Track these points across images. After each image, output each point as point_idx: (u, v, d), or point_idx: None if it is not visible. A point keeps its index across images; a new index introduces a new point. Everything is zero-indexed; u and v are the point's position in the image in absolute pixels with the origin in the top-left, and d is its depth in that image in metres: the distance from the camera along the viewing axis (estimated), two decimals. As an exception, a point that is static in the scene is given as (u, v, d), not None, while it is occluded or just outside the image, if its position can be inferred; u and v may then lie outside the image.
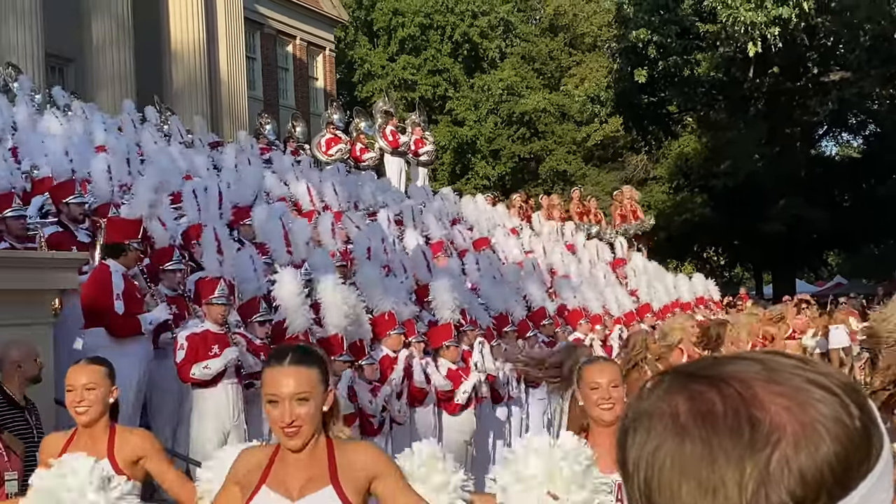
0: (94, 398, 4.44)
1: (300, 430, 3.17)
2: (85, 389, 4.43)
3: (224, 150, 17.72)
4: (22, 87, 17.95)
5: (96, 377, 4.48)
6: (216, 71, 28.90)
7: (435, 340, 11.12)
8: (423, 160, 23.08)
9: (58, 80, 24.69)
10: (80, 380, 4.45)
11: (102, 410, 4.48)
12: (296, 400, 3.15)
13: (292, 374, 3.18)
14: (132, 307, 8.66)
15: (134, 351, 8.67)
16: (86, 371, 4.51)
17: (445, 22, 44.13)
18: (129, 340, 8.64)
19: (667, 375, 1.06)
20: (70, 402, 4.47)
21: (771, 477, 0.95)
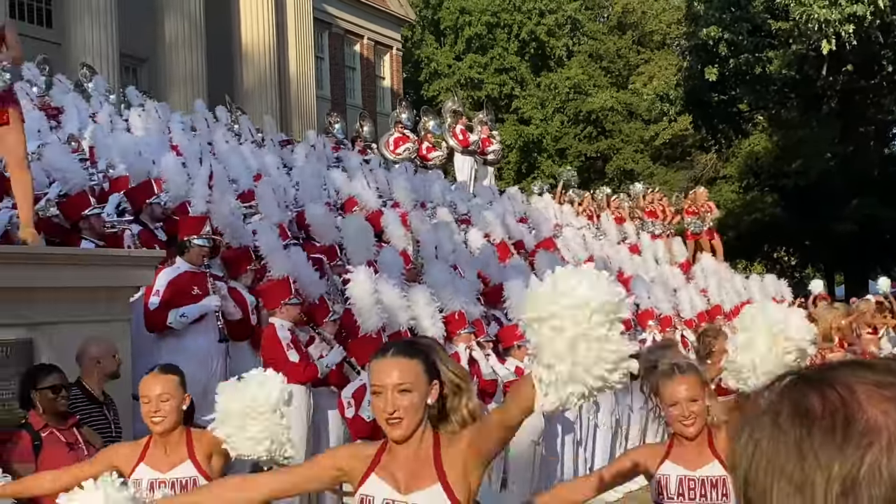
0: (169, 408, 4.53)
1: (402, 421, 3.23)
2: (160, 400, 4.53)
3: (295, 149, 17.86)
4: (97, 87, 18.25)
5: (170, 387, 4.57)
6: (285, 71, 29.15)
7: (507, 340, 11.11)
8: (490, 159, 23.07)
9: (131, 80, 25.08)
10: (155, 390, 4.54)
11: (178, 419, 4.57)
12: (398, 391, 3.22)
13: (395, 365, 3.26)
14: (177, 302, 8.69)
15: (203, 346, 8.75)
16: (159, 381, 4.59)
17: (512, 20, 44.07)
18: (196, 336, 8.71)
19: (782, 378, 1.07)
20: (146, 413, 4.56)
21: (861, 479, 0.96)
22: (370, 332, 9.16)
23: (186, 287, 8.70)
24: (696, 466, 4.37)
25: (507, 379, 10.62)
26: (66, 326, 6.90)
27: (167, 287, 8.60)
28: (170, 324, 8.59)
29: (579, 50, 45.76)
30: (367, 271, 9.50)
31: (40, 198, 9.93)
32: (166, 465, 4.54)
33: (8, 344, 6.53)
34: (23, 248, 6.94)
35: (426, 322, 9.92)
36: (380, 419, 3.29)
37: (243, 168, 13.81)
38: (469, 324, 10.65)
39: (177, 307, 8.59)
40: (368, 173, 16.75)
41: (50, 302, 6.88)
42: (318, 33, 33.39)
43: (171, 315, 8.59)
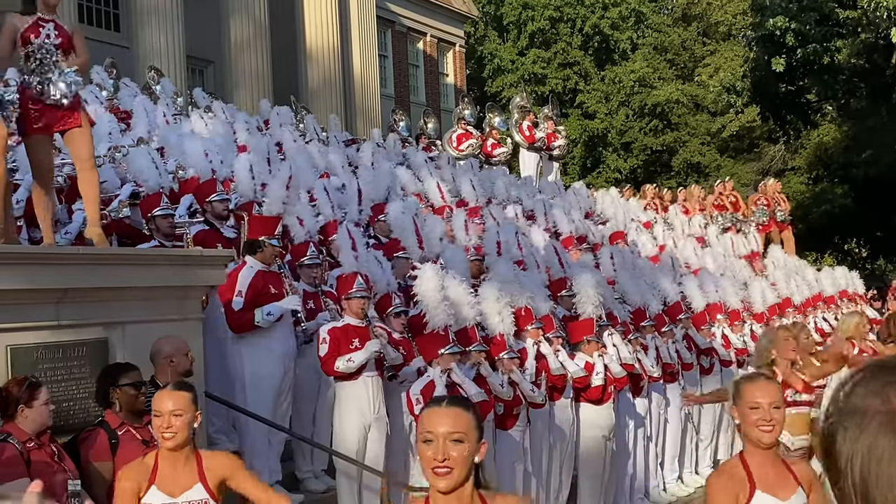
0: (181, 424, 4.60)
1: (452, 472, 3.16)
2: (172, 415, 4.59)
3: (362, 147, 17.95)
4: (164, 89, 18.48)
5: (182, 403, 4.63)
6: (349, 69, 29.30)
7: (575, 335, 11.08)
8: (556, 154, 23.01)
9: (198, 82, 25.38)
10: (167, 405, 4.61)
11: (188, 436, 4.63)
12: (450, 440, 3.17)
13: (449, 414, 3.21)
14: (259, 302, 8.79)
15: (276, 346, 8.86)
16: (172, 397, 4.65)
17: (575, 14, 43.86)
18: (270, 334, 8.81)
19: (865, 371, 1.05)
20: (157, 427, 4.63)
21: None
22: (437, 328, 9.19)
23: (264, 287, 8.81)
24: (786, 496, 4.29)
25: (576, 375, 10.59)
26: (139, 326, 7.00)
27: (248, 287, 8.72)
28: (257, 322, 8.70)
29: (644, 43, 45.40)
30: (434, 268, 9.52)
31: (113, 199, 10.11)
32: (178, 488, 4.60)
33: (84, 343, 6.65)
34: (97, 249, 7.07)
35: (494, 318, 9.92)
36: (427, 469, 3.21)
37: (310, 167, 13.91)
38: (537, 319, 10.64)
39: (258, 306, 8.68)
40: (435, 170, 16.79)
41: (123, 301, 6.98)
42: (381, 32, 33.52)
43: (258, 314, 8.70)
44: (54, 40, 7.02)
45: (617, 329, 11.61)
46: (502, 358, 9.70)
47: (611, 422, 11.02)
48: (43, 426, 5.70)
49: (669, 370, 12.48)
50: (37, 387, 5.71)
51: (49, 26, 7.06)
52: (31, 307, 6.35)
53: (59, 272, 6.54)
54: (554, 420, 10.51)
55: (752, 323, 15.32)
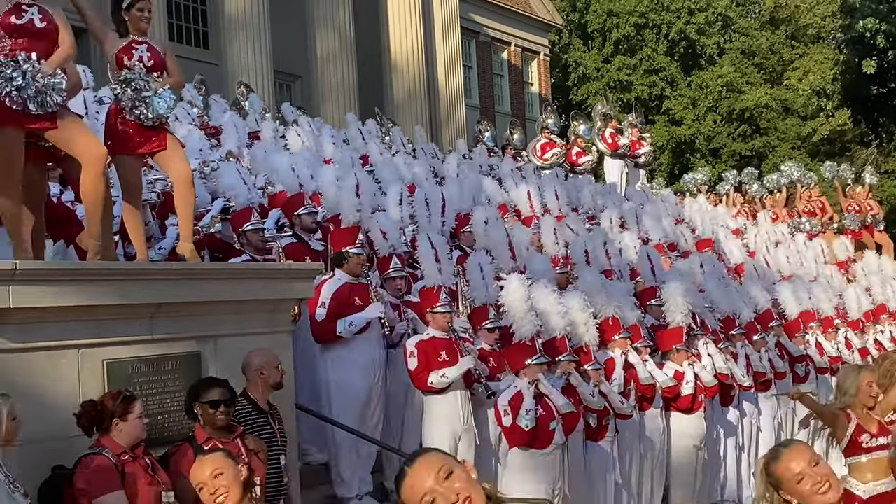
0: (227, 482, 4.71)
1: None
2: (213, 478, 4.71)
3: (447, 158, 18.02)
4: (253, 104, 18.74)
5: (218, 463, 4.75)
6: (434, 81, 29.41)
7: (664, 344, 10.99)
8: (641, 161, 22.86)
9: (285, 96, 25.69)
10: (205, 473, 4.74)
11: (240, 490, 4.74)
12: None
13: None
14: (342, 314, 8.84)
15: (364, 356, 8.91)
16: (205, 463, 4.79)
17: (661, 20, 43.50)
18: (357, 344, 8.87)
19: None
20: (206, 500, 4.74)
21: None
22: (524, 338, 9.18)
23: (349, 298, 8.88)
24: None
25: (664, 384, 10.50)
26: (230, 339, 7.10)
27: (331, 299, 8.80)
28: (339, 333, 8.77)
29: (731, 47, 44.83)
30: (520, 278, 9.52)
31: (204, 214, 10.28)
32: None
33: (177, 357, 6.77)
34: (189, 265, 7.19)
35: (580, 328, 9.88)
36: None
37: (396, 179, 13.99)
38: (624, 329, 10.57)
39: (342, 317, 8.76)
40: (521, 180, 16.78)
41: (215, 315, 7.09)
42: (465, 42, 33.61)
43: (340, 325, 8.76)
44: (147, 62, 7.15)
45: (708, 338, 11.49)
46: (588, 369, 9.65)
47: (702, 431, 10.91)
48: (137, 439, 5.82)
49: (762, 379, 12.31)
50: (131, 400, 5.83)
51: (142, 48, 7.20)
52: (125, 322, 6.49)
53: (152, 287, 6.67)
54: (644, 430, 10.43)
55: (847, 330, 15.05)
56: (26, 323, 5.92)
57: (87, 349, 6.24)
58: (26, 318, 5.90)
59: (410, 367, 8.67)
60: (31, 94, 6.28)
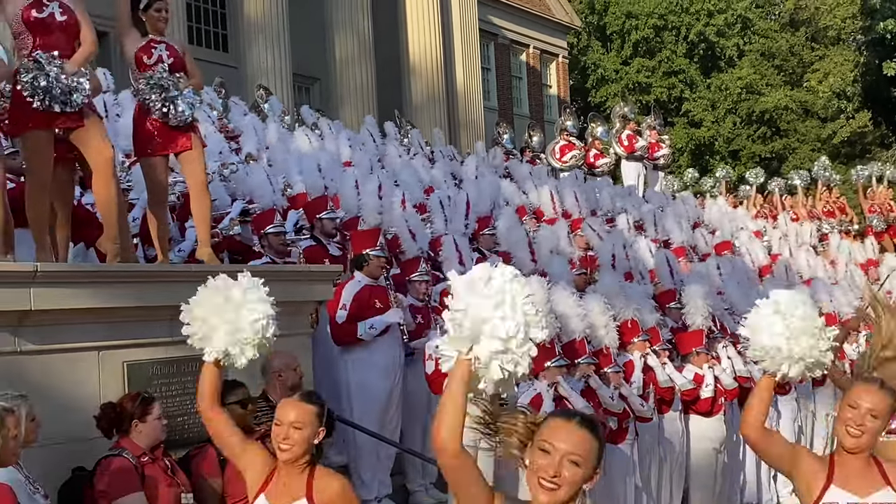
0: (300, 438, 4.37)
1: (558, 490, 3.09)
2: (292, 427, 4.37)
3: (466, 160, 18.02)
4: (272, 107, 18.79)
5: (305, 416, 4.41)
6: (453, 83, 29.43)
7: (684, 346, 10.95)
8: (660, 163, 22.80)
9: (304, 99, 25.75)
10: (290, 416, 4.40)
11: (306, 450, 4.40)
12: (568, 460, 3.08)
13: (576, 434, 3.11)
14: (362, 316, 8.85)
15: (383, 358, 8.91)
16: (296, 408, 4.43)
17: (680, 22, 43.38)
18: (377, 346, 8.87)
19: None
20: (275, 437, 4.41)
21: None
22: (544, 341, 9.13)
23: (369, 300, 8.89)
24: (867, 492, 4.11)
25: (684, 387, 10.46)
26: (250, 341, 7.10)
27: (352, 301, 8.81)
28: (360, 336, 8.77)
29: (750, 49, 44.67)
30: (539, 280, 9.49)
31: (223, 217, 10.31)
32: (284, 498, 4.39)
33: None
34: (209, 267, 7.20)
35: (600, 331, 9.85)
36: (532, 476, 3.12)
37: (415, 181, 14.00)
38: (643, 331, 10.54)
39: (362, 320, 8.77)
40: (540, 183, 16.76)
41: (235, 317, 7.09)
42: (483, 45, 33.60)
43: (361, 327, 8.77)
44: (167, 60, 7.17)
45: (728, 340, 11.45)
46: (608, 371, 9.62)
47: (722, 434, 10.86)
48: (156, 440, 5.83)
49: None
50: (150, 402, 5.84)
51: (160, 47, 7.22)
52: (145, 324, 6.50)
53: (172, 290, 6.67)
54: (663, 433, 10.40)
55: (869, 333, 14.93)
56: (47, 325, 5.94)
57: (107, 351, 6.26)
58: (47, 319, 5.93)
59: (428, 370, 8.65)
60: (57, 94, 6.30)
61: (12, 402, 4.92)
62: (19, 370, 5.78)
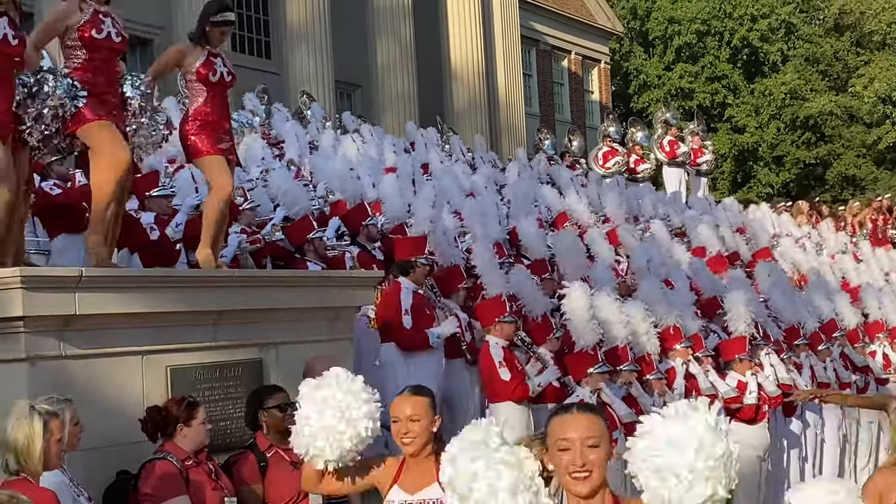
0: (419, 429, 4.64)
1: (590, 476, 3.24)
2: (410, 420, 4.64)
3: (507, 166, 18.00)
4: (314, 113, 18.88)
5: (420, 408, 4.68)
6: (494, 90, 29.43)
7: (727, 353, 10.88)
8: (703, 169, 22.63)
9: (346, 106, 25.85)
10: (405, 411, 4.66)
11: (427, 440, 4.67)
12: (587, 445, 3.25)
13: (582, 419, 3.30)
14: (421, 322, 8.94)
15: (426, 365, 8.94)
16: (409, 402, 4.71)
17: (723, 27, 43.12)
18: (420, 355, 8.91)
19: None
20: (396, 433, 4.69)
21: None
22: (586, 347, 9.13)
23: (423, 307, 8.97)
24: None
25: (727, 395, 10.39)
26: (292, 346, 7.14)
27: (412, 307, 8.87)
28: (432, 344, 8.90)
29: (794, 54, 44.31)
30: (582, 287, 9.47)
31: (266, 223, 10.36)
32: (415, 486, 4.66)
33: (239, 364, 6.82)
34: (251, 272, 7.26)
35: (642, 338, 9.81)
36: (564, 476, 3.28)
37: (456, 188, 14.00)
38: (685, 338, 10.49)
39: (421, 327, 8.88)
40: (580, 188, 16.70)
41: (276, 322, 7.13)
42: (525, 51, 33.57)
43: (431, 336, 8.88)
44: (227, 78, 7.26)
45: (771, 347, 11.36)
46: (650, 378, 9.58)
47: (765, 441, 10.78)
48: (200, 445, 5.86)
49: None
50: (195, 406, 5.87)
51: (218, 62, 7.28)
52: (189, 329, 6.55)
53: (215, 294, 6.73)
54: (706, 440, 10.31)
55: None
56: (91, 329, 5.99)
57: (151, 355, 6.31)
58: (91, 324, 5.98)
59: (503, 377, 8.64)
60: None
61: (57, 405, 4.97)
62: (64, 374, 5.83)
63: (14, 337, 5.70)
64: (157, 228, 8.75)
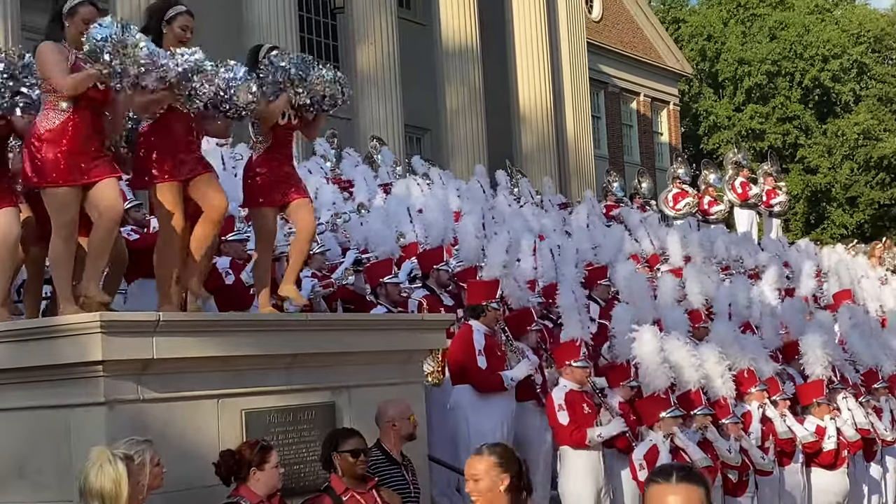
0: (482, 488, 4.70)
1: None
2: (472, 479, 4.73)
3: (576, 209, 17.96)
4: (385, 158, 19.00)
5: (482, 467, 4.72)
6: (563, 132, 29.42)
7: (805, 397, 10.71)
8: (776, 211, 22.39)
9: (416, 150, 25.99)
10: (469, 470, 4.77)
11: (491, 499, 4.70)
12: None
13: (681, 491, 3.03)
14: (494, 364, 8.94)
15: (498, 408, 8.92)
16: (474, 461, 4.79)
17: (794, 68, 42.79)
18: (493, 396, 8.90)
19: None
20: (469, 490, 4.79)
21: None
22: (658, 391, 9.04)
23: (495, 349, 8.94)
24: None
25: (805, 439, 10.21)
26: (364, 390, 7.15)
27: (485, 349, 8.88)
28: (506, 386, 8.92)
29: (867, 94, 43.82)
30: (653, 330, 9.40)
31: (336, 266, 10.44)
32: None
33: (312, 407, 6.85)
34: (324, 315, 7.32)
35: (717, 381, 9.69)
36: None
37: (525, 230, 13.98)
38: (760, 381, 10.34)
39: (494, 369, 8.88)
40: (649, 229, 16.60)
41: (349, 366, 7.16)
42: (594, 93, 33.58)
43: (505, 379, 8.90)
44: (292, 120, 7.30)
45: (848, 391, 11.16)
46: (726, 423, 9.45)
47: (845, 487, 10.57)
48: (273, 489, 5.88)
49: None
50: (268, 450, 5.90)
51: None
52: (263, 372, 6.60)
53: (289, 338, 6.78)
54: (783, 486, 10.15)
55: None
56: (168, 373, 6.06)
57: (226, 399, 6.36)
58: (168, 368, 6.05)
59: (561, 420, 8.59)
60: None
61: (138, 447, 5.03)
62: (142, 418, 5.90)
63: (94, 381, 5.78)
64: (231, 272, 8.85)
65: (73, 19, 6.25)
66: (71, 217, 6.18)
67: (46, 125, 6.12)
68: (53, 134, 6.10)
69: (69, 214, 6.16)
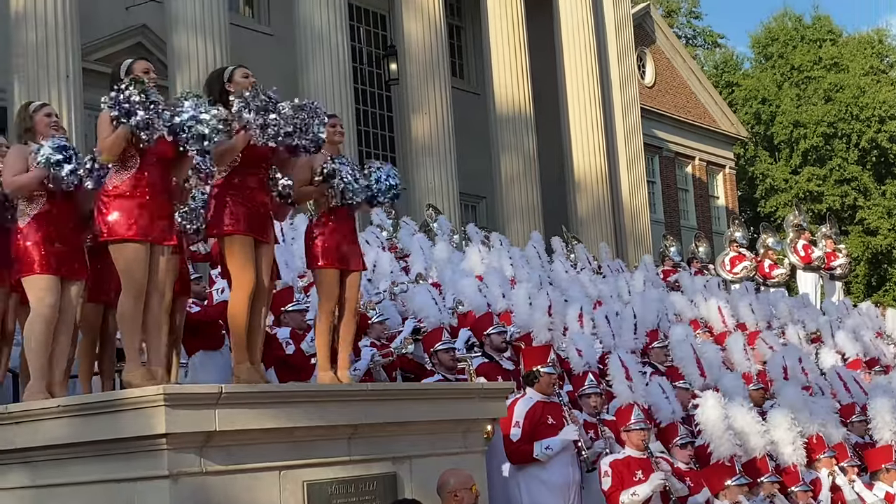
0: None
1: None
2: None
3: (633, 274, 17.89)
4: (441, 226, 19.08)
5: None
6: (618, 197, 29.39)
7: (873, 463, 10.50)
8: (837, 273, 22.18)
9: (471, 217, 26.08)
10: None
11: None
12: None
13: None
14: (542, 432, 8.73)
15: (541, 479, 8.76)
16: None
17: (850, 129, 42.52)
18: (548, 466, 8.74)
19: None
20: None
21: None
22: (723, 458, 8.91)
23: (541, 417, 8.79)
24: None
25: (875, 508, 10.01)
26: (426, 459, 7.12)
27: (525, 418, 8.73)
28: (536, 456, 8.65)
29: (926, 154, 43.41)
30: (716, 396, 9.30)
31: (395, 336, 10.45)
32: None
33: (374, 478, 6.82)
34: (385, 385, 7.32)
35: (787, 447, 9.53)
36: None
37: (583, 296, 13.94)
38: (829, 447, 10.16)
39: (536, 439, 8.66)
40: (710, 295, 16.48)
41: (410, 435, 7.13)
42: (648, 158, 33.55)
43: (537, 447, 8.63)
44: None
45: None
46: (795, 490, 9.28)
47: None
48: (338, 559, 5.85)
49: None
50: (330, 521, 5.88)
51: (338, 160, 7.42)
52: (324, 443, 6.58)
53: (350, 408, 6.77)
54: (854, 555, 9.92)
55: None
56: (231, 445, 6.07)
57: (287, 470, 6.35)
58: (230, 440, 6.06)
59: (604, 486, 8.50)
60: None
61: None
62: (205, 490, 5.91)
63: (157, 454, 5.81)
64: (292, 343, 8.89)
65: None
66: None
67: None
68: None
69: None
